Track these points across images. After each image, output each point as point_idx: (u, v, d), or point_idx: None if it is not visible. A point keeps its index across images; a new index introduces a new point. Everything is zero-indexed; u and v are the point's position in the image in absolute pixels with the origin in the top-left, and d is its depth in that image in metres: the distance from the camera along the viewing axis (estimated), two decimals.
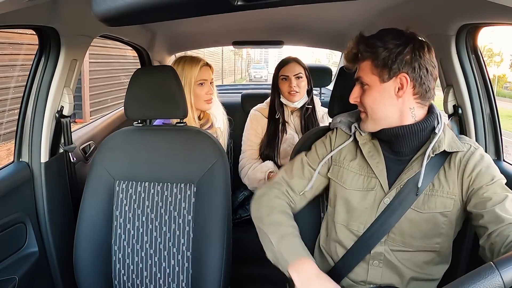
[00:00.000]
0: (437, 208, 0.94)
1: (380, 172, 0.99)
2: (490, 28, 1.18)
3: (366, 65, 0.95)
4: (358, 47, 0.97)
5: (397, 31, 0.95)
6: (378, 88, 0.94)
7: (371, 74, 0.95)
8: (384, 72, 0.93)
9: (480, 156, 0.94)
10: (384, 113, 0.96)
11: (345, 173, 1.04)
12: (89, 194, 1.24)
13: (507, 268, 0.52)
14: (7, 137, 4.80)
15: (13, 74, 4.87)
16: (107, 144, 1.29)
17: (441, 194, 0.94)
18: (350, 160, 1.05)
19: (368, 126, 0.99)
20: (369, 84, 0.95)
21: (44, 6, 1.08)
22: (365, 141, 1.03)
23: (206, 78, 1.58)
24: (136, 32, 1.89)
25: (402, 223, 0.95)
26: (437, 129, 0.96)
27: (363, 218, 0.99)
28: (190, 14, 0.70)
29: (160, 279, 1.23)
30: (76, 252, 1.22)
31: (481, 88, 1.25)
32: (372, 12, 1.52)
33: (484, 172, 0.91)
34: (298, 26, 1.95)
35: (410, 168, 0.97)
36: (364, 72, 0.96)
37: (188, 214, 1.23)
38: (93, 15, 0.53)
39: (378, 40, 0.93)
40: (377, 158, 1.01)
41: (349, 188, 1.02)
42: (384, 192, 0.98)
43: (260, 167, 1.77)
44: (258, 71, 22.85)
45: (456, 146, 0.96)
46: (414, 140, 0.96)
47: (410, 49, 0.91)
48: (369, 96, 0.96)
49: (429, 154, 0.94)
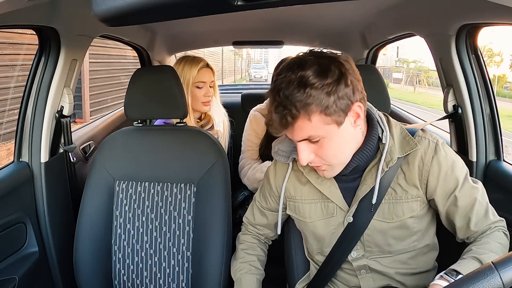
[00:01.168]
0: (405, 215, 0.90)
1: (335, 196, 0.93)
2: (490, 28, 1.18)
3: (315, 121, 0.79)
4: (290, 107, 0.78)
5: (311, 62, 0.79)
6: (337, 134, 0.82)
7: (325, 126, 0.80)
8: (339, 114, 0.80)
9: (444, 153, 0.89)
10: (349, 151, 0.87)
11: (301, 207, 0.98)
12: (89, 194, 1.24)
13: (506, 268, 0.52)
14: (7, 137, 4.80)
15: (13, 74, 4.87)
16: (107, 144, 1.29)
17: (406, 199, 0.90)
18: (301, 190, 0.98)
19: (336, 171, 0.89)
20: (325, 136, 0.82)
21: (44, 6, 1.08)
22: (310, 169, 0.94)
23: (205, 80, 1.57)
24: (136, 32, 1.89)
25: (374, 236, 0.93)
26: (383, 138, 0.89)
27: (333, 241, 0.97)
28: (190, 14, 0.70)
29: (160, 279, 1.23)
30: (76, 252, 1.22)
31: (481, 88, 1.25)
32: (372, 12, 1.52)
33: (450, 176, 0.88)
34: (298, 26, 1.95)
35: (364, 183, 0.91)
36: (314, 129, 0.80)
37: (188, 214, 1.23)
38: (93, 15, 0.53)
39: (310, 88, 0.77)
40: (328, 183, 0.94)
41: (310, 221, 0.97)
42: (345, 211, 0.93)
43: (260, 167, 1.77)
44: (258, 71, 22.85)
45: (410, 147, 0.89)
46: (366, 155, 0.89)
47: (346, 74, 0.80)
48: (330, 147, 0.83)
49: (383, 169, 0.88)
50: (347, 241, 0.94)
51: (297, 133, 0.82)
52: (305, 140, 0.83)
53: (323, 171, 0.90)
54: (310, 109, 0.78)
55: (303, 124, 0.80)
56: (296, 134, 0.82)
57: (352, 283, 1.00)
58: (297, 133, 0.82)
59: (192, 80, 1.55)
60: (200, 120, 1.66)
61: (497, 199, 1.25)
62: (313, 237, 1.00)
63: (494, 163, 1.26)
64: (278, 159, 1.00)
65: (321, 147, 0.83)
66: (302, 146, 0.84)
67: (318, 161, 0.86)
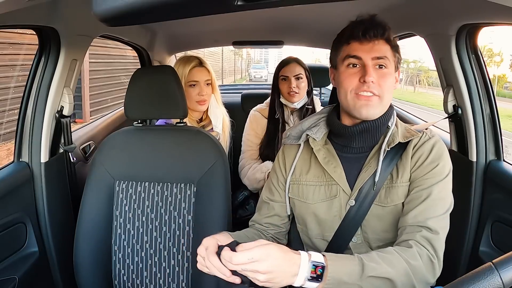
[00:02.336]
0: (399, 199, 0.93)
1: (339, 177, 0.97)
2: (490, 28, 1.18)
3: (389, 49, 0.93)
4: (383, 26, 0.93)
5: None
6: (392, 75, 0.94)
7: (392, 59, 0.94)
8: (397, 62, 0.95)
9: (431, 146, 0.93)
10: (390, 100, 0.96)
11: (305, 189, 1.01)
12: (89, 194, 1.24)
13: (506, 268, 0.52)
14: (7, 137, 4.81)
15: (13, 74, 4.87)
16: (107, 144, 1.29)
17: (400, 183, 0.93)
18: (306, 173, 1.02)
19: (378, 111, 0.93)
20: (388, 68, 0.93)
21: (44, 6, 1.08)
22: (319, 147, 1.00)
23: (197, 79, 1.57)
24: (136, 32, 1.89)
25: (371, 221, 0.95)
26: (390, 123, 0.97)
27: (335, 225, 0.98)
28: (190, 14, 0.70)
29: (160, 279, 1.23)
30: (76, 252, 1.22)
31: (481, 88, 1.25)
32: (372, 12, 1.52)
33: (426, 165, 0.91)
34: (298, 26, 1.95)
35: (368, 166, 0.96)
36: (388, 55, 0.93)
37: (188, 214, 1.23)
38: (93, 15, 0.53)
39: (385, 29, 0.93)
40: (334, 163, 0.98)
41: (313, 202, 0.99)
42: (348, 195, 0.96)
43: (260, 167, 1.77)
44: (258, 71, 22.88)
45: (410, 134, 0.96)
46: (376, 134, 0.96)
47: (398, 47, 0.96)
48: (389, 80, 0.93)
49: (384, 149, 0.94)
50: (349, 226, 0.96)
51: (373, 49, 0.92)
52: (378, 60, 0.92)
53: (370, 106, 0.93)
54: (389, 40, 0.93)
55: (382, 45, 0.93)
56: (373, 49, 0.92)
57: None
58: (374, 49, 0.92)
59: (185, 79, 1.55)
60: (201, 121, 1.66)
61: (497, 199, 1.25)
62: (314, 220, 1.01)
63: (494, 163, 1.26)
64: (289, 142, 1.06)
65: (383, 76, 0.92)
66: (371, 65, 0.92)
67: (375, 87, 0.92)
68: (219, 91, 1.72)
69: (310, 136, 1.01)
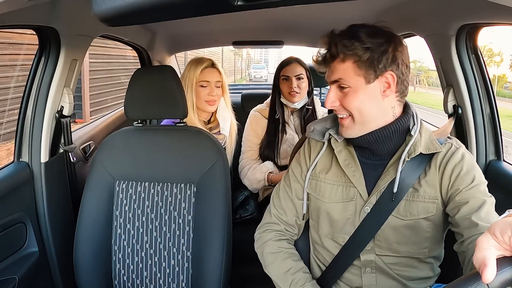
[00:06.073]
0: (419, 214, 0.91)
1: (358, 181, 0.96)
2: (490, 28, 1.18)
3: (347, 67, 0.89)
4: (334, 47, 0.90)
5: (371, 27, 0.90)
6: (363, 89, 0.89)
7: (354, 76, 0.88)
8: (370, 72, 0.88)
9: (461, 156, 0.91)
10: (372, 114, 0.91)
11: (322, 187, 1.01)
12: (89, 194, 1.24)
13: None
14: (7, 137, 4.81)
15: (13, 74, 4.87)
16: (107, 144, 1.29)
17: (423, 199, 0.91)
18: (326, 172, 1.01)
19: (355, 130, 0.93)
20: (352, 86, 0.89)
21: (44, 6, 1.08)
22: (341, 149, 0.99)
23: (208, 79, 1.59)
24: (136, 32, 1.89)
25: (386, 231, 0.94)
26: (412, 130, 0.93)
27: (347, 228, 0.97)
28: (190, 14, 0.70)
29: (160, 279, 1.23)
30: (76, 252, 1.22)
31: (481, 88, 1.25)
32: (372, 12, 1.52)
33: (463, 176, 0.88)
34: (298, 26, 1.95)
35: (387, 173, 0.94)
36: (345, 74, 0.89)
37: (188, 214, 1.23)
38: (93, 15, 0.53)
39: (356, 40, 0.87)
40: (353, 167, 0.97)
41: (328, 201, 0.99)
42: (364, 200, 0.95)
43: (260, 167, 1.77)
44: (258, 71, 22.88)
45: (434, 147, 0.92)
46: (393, 140, 0.93)
47: (392, 46, 0.88)
48: (354, 99, 0.89)
49: (404, 159, 0.91)
50: (364, 233, 0.95)
51: (331, 73, 0.92)
52: (336, 83, 0.91)
53: (345, 127, 0.94)
54: (347, 55, 0.88)
55: (337, 65, 0.90)
56: (330, 74, 0.92)
57: (355, 283, 0.99)
58: (331, 73, 0.92)
59: (196, 79, 1.57)
60: (209, 123, 1.67)
61: (497, 199, 1.25)
62: (327, 218, 1.00)
63: (494, 163, 1.26)
64: (313, 136, 1.04)
65: (346, 96, 0.90)
66: (332, 89, 0.92)
67: (341, 110, 0.92)
68: None
69: (332, 136, 1.00)
